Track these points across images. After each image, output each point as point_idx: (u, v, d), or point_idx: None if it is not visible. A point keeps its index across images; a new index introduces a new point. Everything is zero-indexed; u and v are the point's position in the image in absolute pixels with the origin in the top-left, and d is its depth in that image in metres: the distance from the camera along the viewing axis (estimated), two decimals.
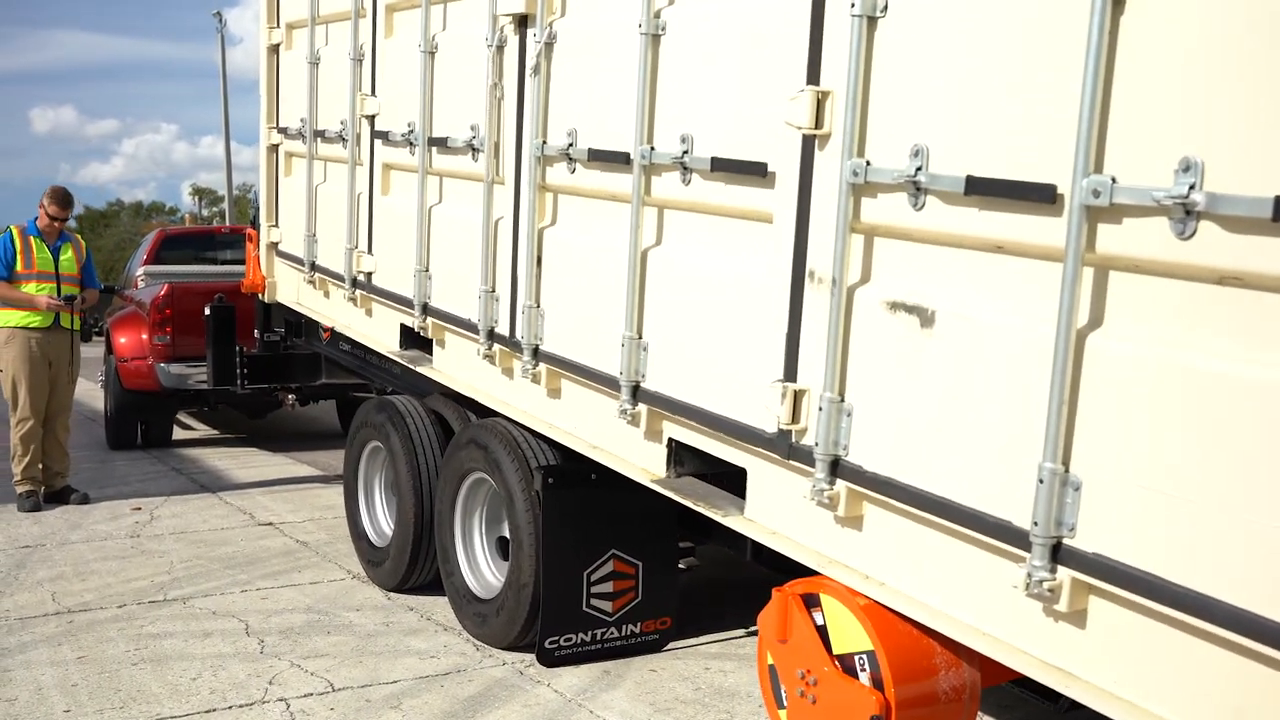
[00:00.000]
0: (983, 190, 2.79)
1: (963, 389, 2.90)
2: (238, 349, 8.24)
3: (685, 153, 3.78)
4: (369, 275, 6.13)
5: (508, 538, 5.01)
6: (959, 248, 2.94)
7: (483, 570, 5.32)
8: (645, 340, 4.06)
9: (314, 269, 6.92)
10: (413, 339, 5.87)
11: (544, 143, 4.50)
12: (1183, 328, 2.44)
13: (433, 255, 5.47)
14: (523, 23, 4.66)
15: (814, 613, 3.40)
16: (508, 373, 4.99)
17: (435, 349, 5.64)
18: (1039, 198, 2.65)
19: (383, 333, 6.19)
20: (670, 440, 4.09)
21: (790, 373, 3.42)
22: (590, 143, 4.28)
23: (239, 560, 6.54)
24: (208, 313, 8.34)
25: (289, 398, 9.26)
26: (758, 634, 3.61)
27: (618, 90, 4.08)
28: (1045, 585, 2.66)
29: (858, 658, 3.26)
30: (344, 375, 7.78)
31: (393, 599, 5.83)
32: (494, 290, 4.94)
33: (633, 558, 4.87)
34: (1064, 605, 2.67)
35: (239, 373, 8.24)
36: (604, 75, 4.21)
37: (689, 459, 4.09)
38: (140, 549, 6.76)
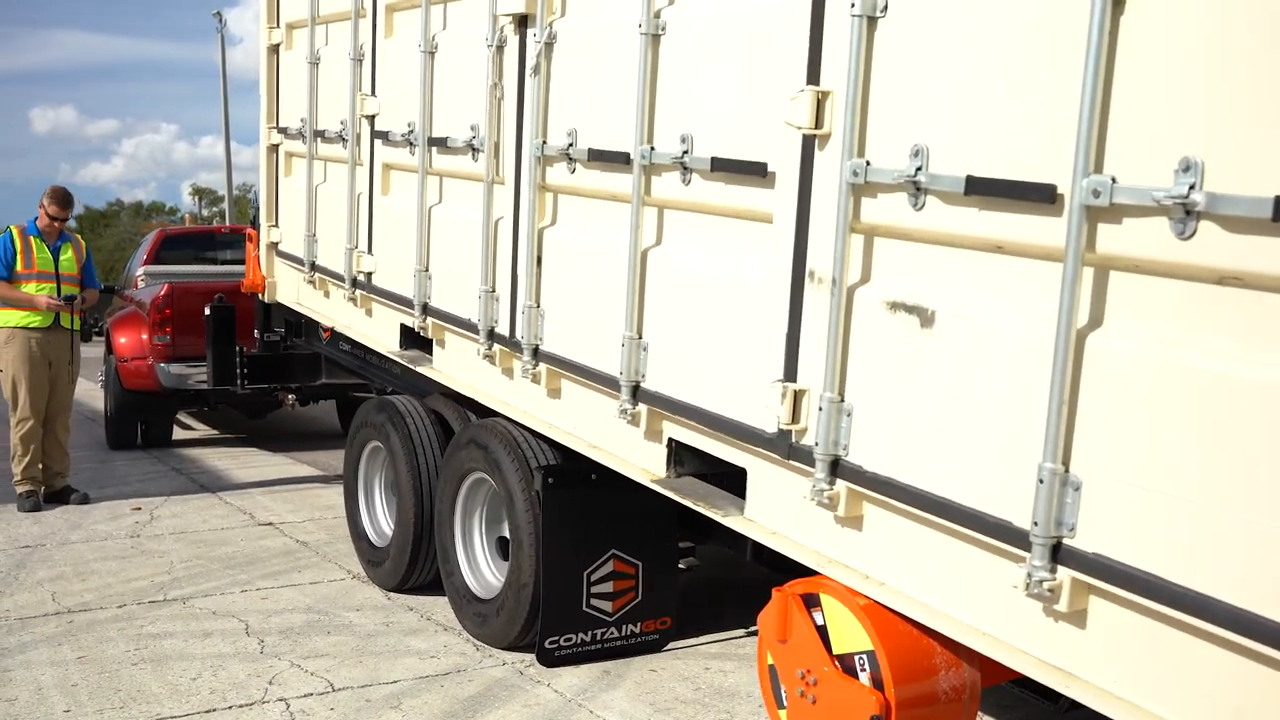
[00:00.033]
0: (983, 190, 2.79)
1: (963, 389, 2.90)
2: (238, 349, 8.23)
3: (685, 153, 3.78)
4: (369, 275, 6.13)
5: (508, 538, 5.01)
6: (959, 248, 2.94)
7: (483, 570, 5.32)
8: (645, 340, 4.06)
9: (314, 269, 6.92)
10: (413, 339, 5.87)
11: (544, 143, 4.51)
12: (1183, 328, 2.44)
13: (433, 255, 5.47)
14: (523, 23, 4.66)
15: (814, 613, 3.40)
16: (508, 373, 4.99)
17: (435, 349, 5.64)
18: (1039, 198, 2.65)
19: (383, 333, 6.19)
20: (670, 440, 4.09)
21: (790, 373, 3.42)
22: (590, 143, 4.28)
23: (239, 560, 6.54)
24: (208, 313, 8.34)
25: (289, 398, 9.26)
26: (758, 634, 3.61)
27: (618, 90, 4.08)
28: (1045, 585, 2.66)
29: (858, 658, 3.26)
30: (344, 375, 7.78)
31: (393, 599, 5.83)
32: (494, 290, 4.94)
33: (633, 558, 4.87)
34: (1064, 605, 2.67)
35: (239, 373, 8.24)
36: (604, 75, 4.21)
37: (689, 459, 4.09)
38: (140, 549, 6.76)
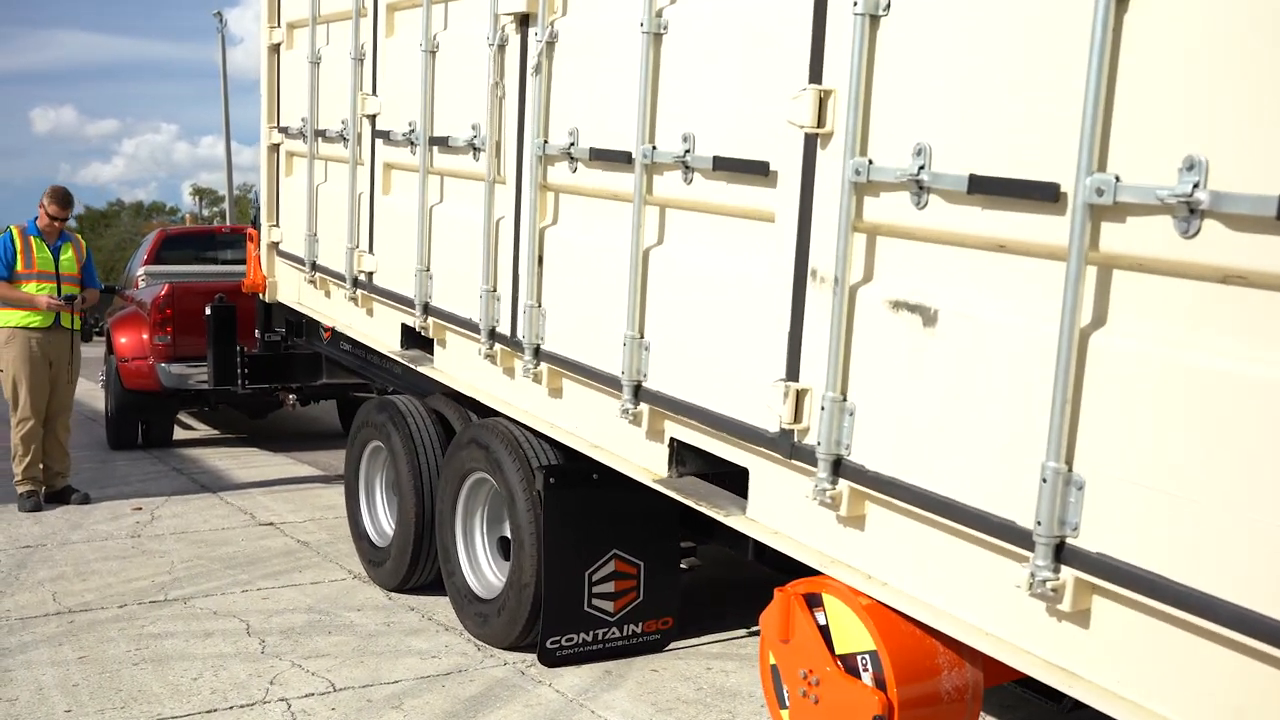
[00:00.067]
0: (986, 189, 2.78)
1: (965, 388, 2.90)
2: (238, 349, 8.23)
3: (687, 152, 3.77)
4: (370, 275, 6.13)
5: (509, 537, 5.01)
6: (962, 246, 2.93)
7: (484, 570, 5.31)
8: (647, 340, 4.06)
9: (315, 269, 6.92)
10: (414, 339, 5.86)
11: (545, 142, 4.50)
12: (1186, 327, 2.43)
13: (434, 255, 5.46)
14: (524, 22, 4.66)
15: (816, 613, 3.39)
16: (509, 372, 4.99)
17: (436, 349, 5.63)
18: (1042, 196, 2.64)
19: (384, 332, 6.18)
20: (672, 440, 4.08)
21: (792, 372, 3.41)
22: (592, 142, 4.27)
23: (240, 560, 6.53)
24: (208, 313, 8.34)
25: (290, 398, 9.25)
26: (760, 634, 3.61)
27: (619, 89, 4.07)
28: (1048, 585, 2.65)
29: (860, 658, 3.25)
30: (345, 375, 7.78)
31: (394, 599, 5.82)
32: (495, 290, 4.93)
33: (634, 558, 4.86)
34: (1067, 605, 2.66)
35: (240, 373, 8.23)
36: (605, 74, 4.20)
37: (691, 459, 4.09)
38: (141, 549, 6.76)
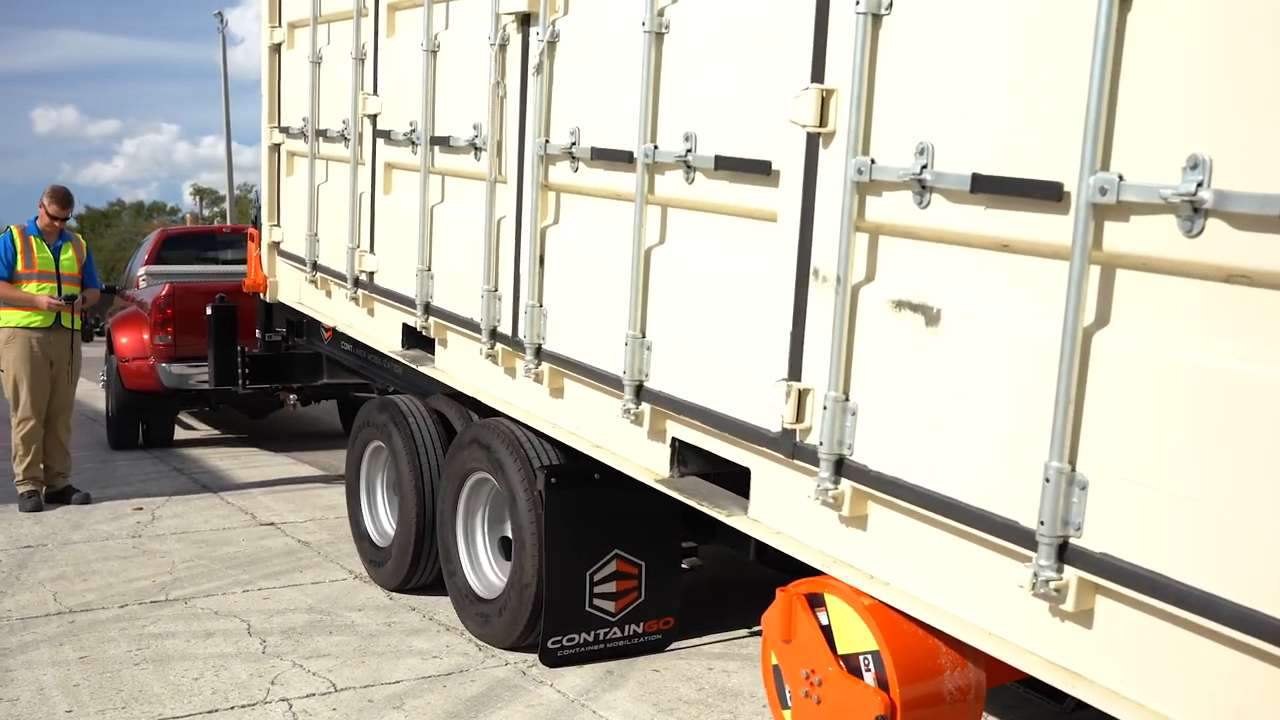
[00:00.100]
0: (988, 188, 2.78)
1: (968, 388, 2.89)
2: (239, 349, 8.23)
3: (689, 151, 3.77)
4: (371, 275, 6.12)
5: (510, 538, 5.00)
6: (964, 246, 2.93)
7: (485, 570, 5.31)
8: (649, 339, 4.05)
9: (316, 268, 6.91)
10: (415, 338, 5.86)
11: (547, 141, 4.50)
12: (1190, 326, 2.42)
13: (435, 254, 5.46)
14: (525, 21, 4.65)
15: (818, 613, 3.39)
16: (510, 372, 4.98)
17: (437, 348, 5.63)
18: (1045, 195, 2.64)
19: (385, 332, 6.18)
20: (674, 440, 4.08)
21: (794, 372, 3.41)
22: (593, 141, 4.27)
23: (241, 560, 6.53)
24: (209, 313, 8.33)
25: (290, 398, 9.25)
26: (762, 634, 3.60)
27: (621, 88, 4.07)
28: (1052, 585, 2.65)
29: (863, 658, 3.25)
30: (346, 375, 7.77)
31: (395, 599, 5.82)
32: (496, 289, 4.93)
33: (636, 557, 4.86)
34: (1070, 605, 2.66)
35: (240, 373, 8.23)
36: (607, 73, 4.20)
37: (692, 458, 4.08)
38: (142, 549, 6.75)
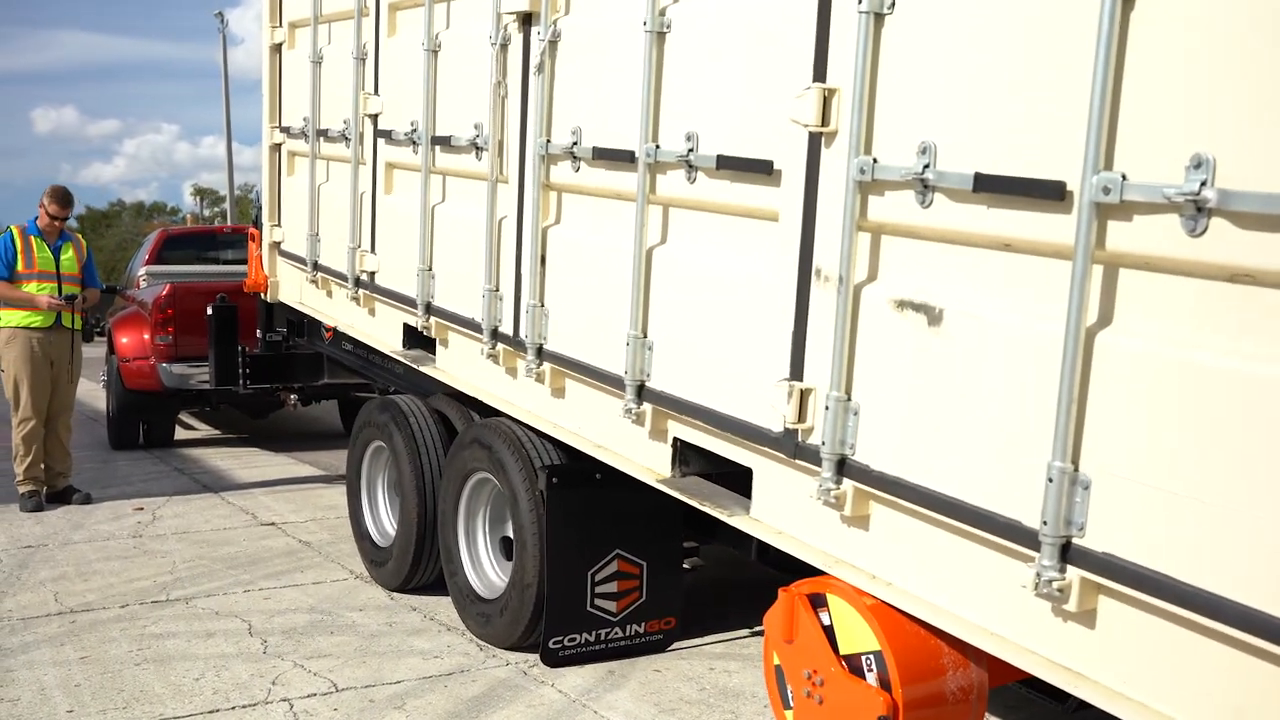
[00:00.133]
0: (991, 187, 2.77)
1: (970, 387, 2.89)
2: (240, 349, 8.22)
3: (690, 151, 3.76)
4: (372, 275, 6.12)
5: (511, 538, 5.00)
6: (967, 245, 2.92)
7: (486, 570, 5.31)
8: (650, 339, 4.05)
9: (317, 268, 6.91)
10: (416, 338, 5.85)
11: (548, 141, 4.49)
12: (1193, 325, 2.42)
13: (436, 254, 5.45)
14: (527, 20, 4.65)
15: (820, 613, 3.38)
16: (511, 372, 4.98)
17: (438, 348, 5.62)
18: (1048, 195, 2.63)
19: (386, 332, 6.18)
20: (675, 440, 4.07)
21: (796, 372, 3.40)
22: (595, 141, 4.26)
23: (241, 560, 6.53)
24: (210, 313, 8.33)
25: (291, 398, 9.24)
26: (763, 634, 3.60)
27: (622, 88, 4.06)
28: (1054, 585, 2.64)
29: (865, 658, 3.24)
30: (346, 375, 7.77)
31: (396, 599, 5.81)
32: (498, 289, 4.92)
33: (637, 558, 4.85)
34: (1073, 605, 2.65)
35: (241, 373, 8.22)
36: (608, 73, 4.20)
37: (694, 458, 4.08)
38: (143, 549, 6.75)
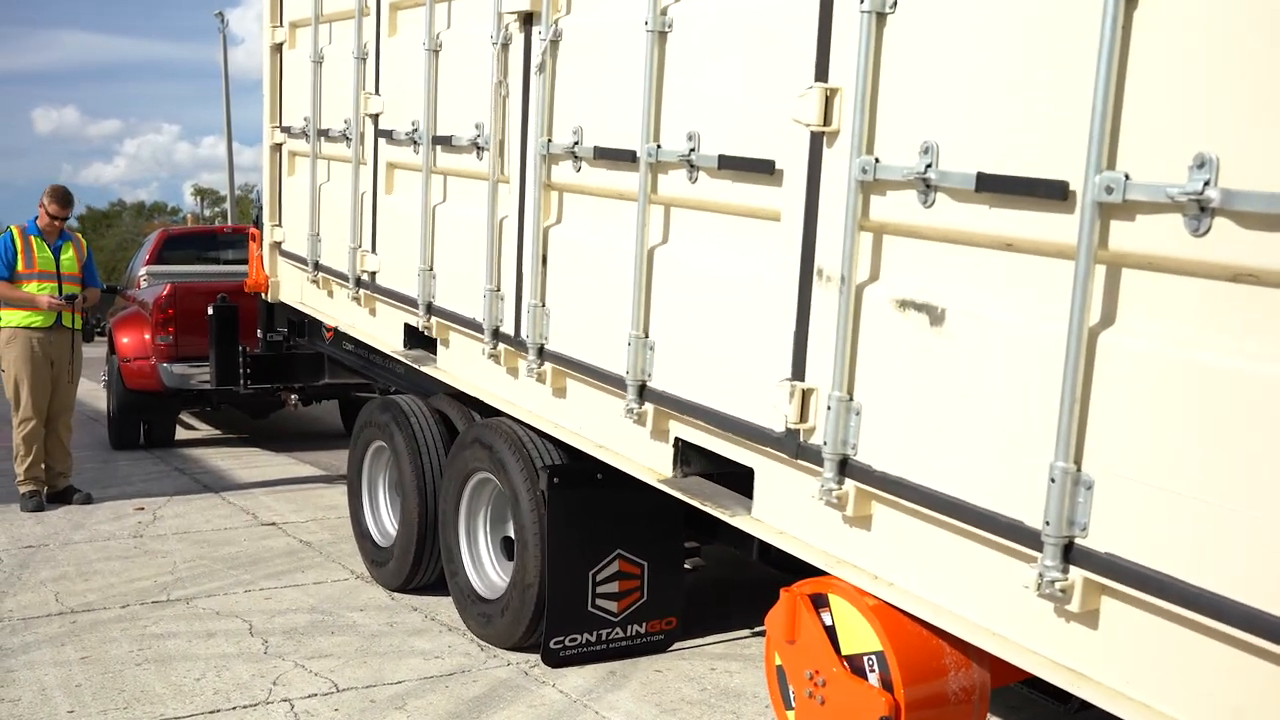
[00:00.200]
0: (993, 187, 2.77)
1: (973, 387, 2.88)
2: (241, 349, 8.22)
3: (692, 150, 3.76)
4: (373, 274, 6.12)
5: (512, 538, 5.00)
6: (969, 245, 2.92)
7: (487, 570, 5.30)
8: (652, 339, 4.04)
9: (317, 268, 6.91)
10: (417, 338, 5.85)
11: (549, 141, 4.49)
12: (1196, 325, 2.42)
13: (437, 254, 5.45)
14: (528, 20, 4.64)
15: (822, 613, 3.38)
16: (512, 372, 4.98)
17: (439, 348, 5.62)
18: (1050, 194, 2.63)
19: (386, 332, 6.17)
20: (677, 440, 4.07)
21: (798, 371, 3.40)
22: (596, 140, 4.26)
23: (242, 560, 6.52)
24: (210, 313, 8.33)
25: (292, 398, 9.24)
26: (765, 634, 3.60)
27: (623, 88, 4.06)
28: (1057, 585, 2.64)
29: (866, 658, 3.24)
30: (347, 375, 7.77)
31: (396, 599, 5.81)
32: (499, 289, 4.92)
33: (638, 558, 4.85)
34: (1076, 605, 2.65)
35: (242, 373, 8.22)
36: (610, 73, 4.19)
37: (696, 458, 4.07)
38: (143, 549, 6.75)
